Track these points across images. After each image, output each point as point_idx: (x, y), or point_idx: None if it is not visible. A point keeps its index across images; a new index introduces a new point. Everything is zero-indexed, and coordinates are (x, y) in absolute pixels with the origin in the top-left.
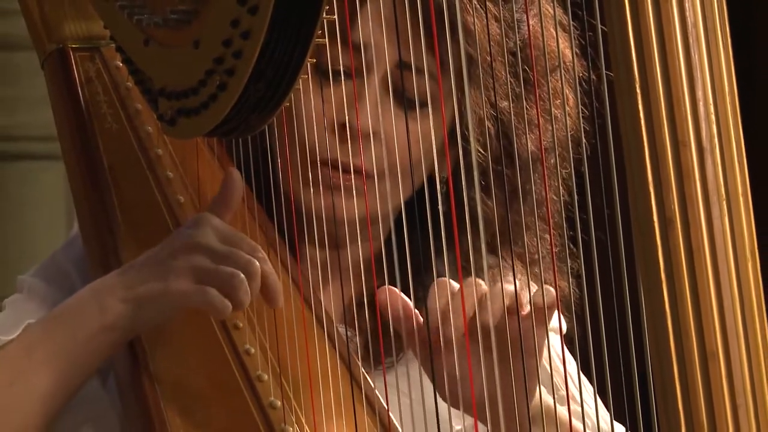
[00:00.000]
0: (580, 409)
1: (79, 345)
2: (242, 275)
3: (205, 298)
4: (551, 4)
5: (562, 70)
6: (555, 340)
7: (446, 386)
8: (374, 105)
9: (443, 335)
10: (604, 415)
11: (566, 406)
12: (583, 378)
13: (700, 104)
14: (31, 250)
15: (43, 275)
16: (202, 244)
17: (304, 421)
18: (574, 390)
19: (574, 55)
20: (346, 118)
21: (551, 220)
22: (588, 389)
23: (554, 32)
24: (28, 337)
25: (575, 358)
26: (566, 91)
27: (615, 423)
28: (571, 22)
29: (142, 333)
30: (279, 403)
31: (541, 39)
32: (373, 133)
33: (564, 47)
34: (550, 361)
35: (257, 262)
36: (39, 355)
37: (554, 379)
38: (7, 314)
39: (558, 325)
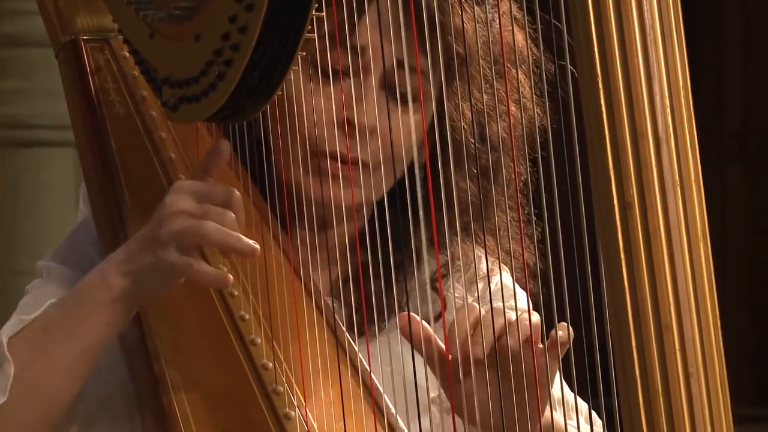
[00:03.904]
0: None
1: (89, 320)
2: (217, 226)
3: (193, 269)
4: (522, 8)
5: (531, 67)
6: None
7: (464, 405)
8: (374, 103)
9: (462, 357)
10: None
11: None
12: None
13: (657, 98)
14: (45, 230)
15: (61, 258)
16: (178, 208)
17: (293, 380)
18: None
19: (542, 53)
20: (353, 114)
21: (519, 201)
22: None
23: (523, 32)
24: (47, 317)
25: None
26: (534, 85)
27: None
28: (539, 24)
29: (145, 302)
30: (271, 365)
31: (511, 37)
32: (373, 128)
33: (532, 45)
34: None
35: (231, 213)
36: (56, 333)
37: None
38: (29, 298)
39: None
